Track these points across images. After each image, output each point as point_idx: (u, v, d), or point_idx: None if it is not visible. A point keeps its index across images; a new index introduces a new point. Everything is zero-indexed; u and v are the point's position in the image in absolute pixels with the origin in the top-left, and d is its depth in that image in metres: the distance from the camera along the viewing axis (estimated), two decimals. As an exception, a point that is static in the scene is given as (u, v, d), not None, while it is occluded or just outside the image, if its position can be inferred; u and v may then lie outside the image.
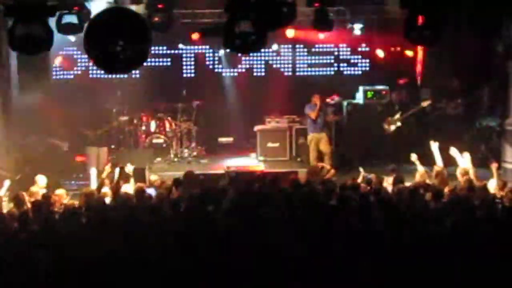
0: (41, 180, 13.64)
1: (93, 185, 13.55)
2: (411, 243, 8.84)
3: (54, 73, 20.28)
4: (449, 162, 13.82)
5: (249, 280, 8.12)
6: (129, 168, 13.87)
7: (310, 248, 8.66)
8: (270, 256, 8.46)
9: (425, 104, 18.69)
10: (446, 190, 12.18)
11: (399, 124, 18.60)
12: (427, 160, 14.12)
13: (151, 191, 12.89)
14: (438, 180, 13.08)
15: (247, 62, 21.35)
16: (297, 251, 8.58)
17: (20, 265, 8.45)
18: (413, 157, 13.90)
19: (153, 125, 19.89)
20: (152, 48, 11.03)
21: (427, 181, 13.05)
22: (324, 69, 21.39)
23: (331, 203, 11.10)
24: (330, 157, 17.71)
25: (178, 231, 9.70)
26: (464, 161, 13.58)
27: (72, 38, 17.69)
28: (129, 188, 13.16)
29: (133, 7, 14.71)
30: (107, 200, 12.33)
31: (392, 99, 19.57)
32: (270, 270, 8.20)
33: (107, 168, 13.82)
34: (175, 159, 19.52)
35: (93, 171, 14.21)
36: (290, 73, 21.48)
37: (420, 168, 13.63)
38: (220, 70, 21.31)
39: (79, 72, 20.51)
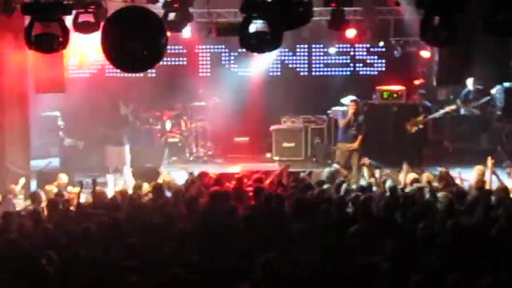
0: (63, 177, 13.78)
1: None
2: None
3: (69, 71, 20.24)
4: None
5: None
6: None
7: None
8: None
9: (450, 108, 18.55)
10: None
11: (421, 126, 18.39)
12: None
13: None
14: (442, 183, 13.14)
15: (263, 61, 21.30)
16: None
17: (31, 264, 8.49)
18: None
19: (168, 124, 19.91)
20: (168, 47, 11.05)
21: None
22: (340, 69, 21.35)
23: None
24: (356, 169, 16.69)
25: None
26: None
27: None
28: None
29: (149, 6, 14.73)
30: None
31: (415, 101, 19.29)
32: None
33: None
34: (191, 158, 19.53)
35: (110, 177, 14.42)
36: (306, 73, 21.44)
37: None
38: (236, 70, 21.27)
39: (95, 71, 20.50)
